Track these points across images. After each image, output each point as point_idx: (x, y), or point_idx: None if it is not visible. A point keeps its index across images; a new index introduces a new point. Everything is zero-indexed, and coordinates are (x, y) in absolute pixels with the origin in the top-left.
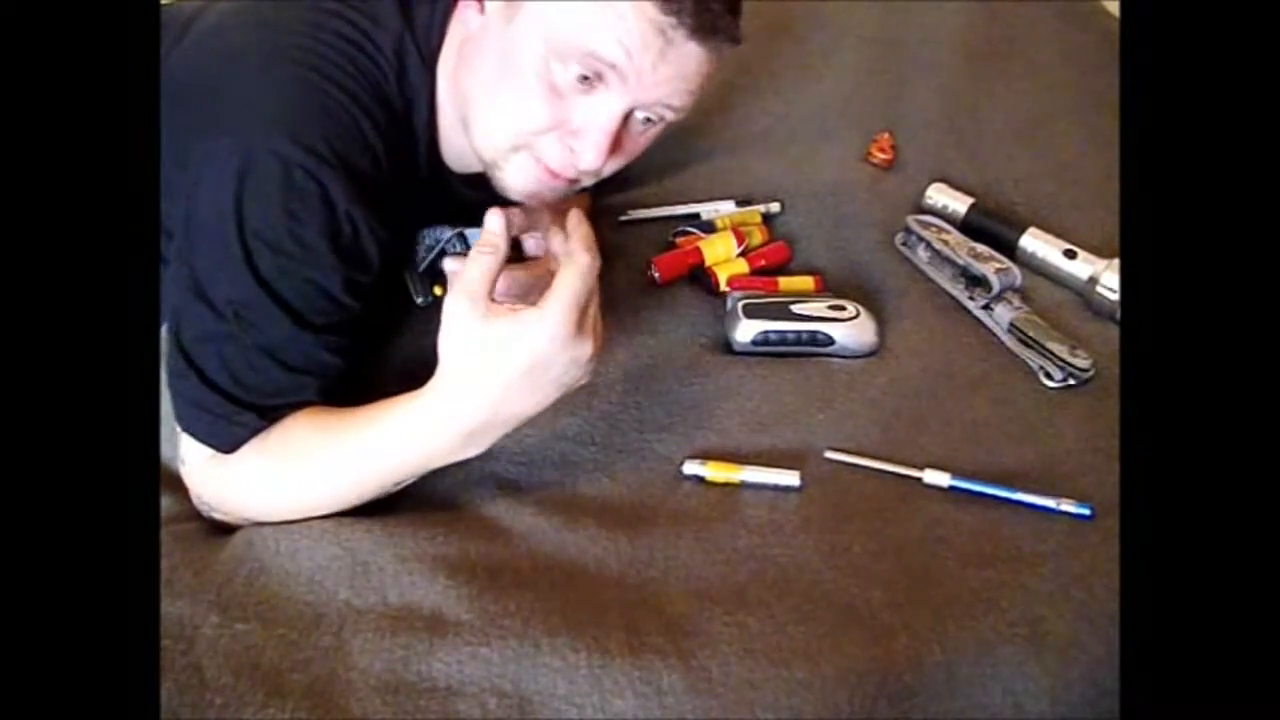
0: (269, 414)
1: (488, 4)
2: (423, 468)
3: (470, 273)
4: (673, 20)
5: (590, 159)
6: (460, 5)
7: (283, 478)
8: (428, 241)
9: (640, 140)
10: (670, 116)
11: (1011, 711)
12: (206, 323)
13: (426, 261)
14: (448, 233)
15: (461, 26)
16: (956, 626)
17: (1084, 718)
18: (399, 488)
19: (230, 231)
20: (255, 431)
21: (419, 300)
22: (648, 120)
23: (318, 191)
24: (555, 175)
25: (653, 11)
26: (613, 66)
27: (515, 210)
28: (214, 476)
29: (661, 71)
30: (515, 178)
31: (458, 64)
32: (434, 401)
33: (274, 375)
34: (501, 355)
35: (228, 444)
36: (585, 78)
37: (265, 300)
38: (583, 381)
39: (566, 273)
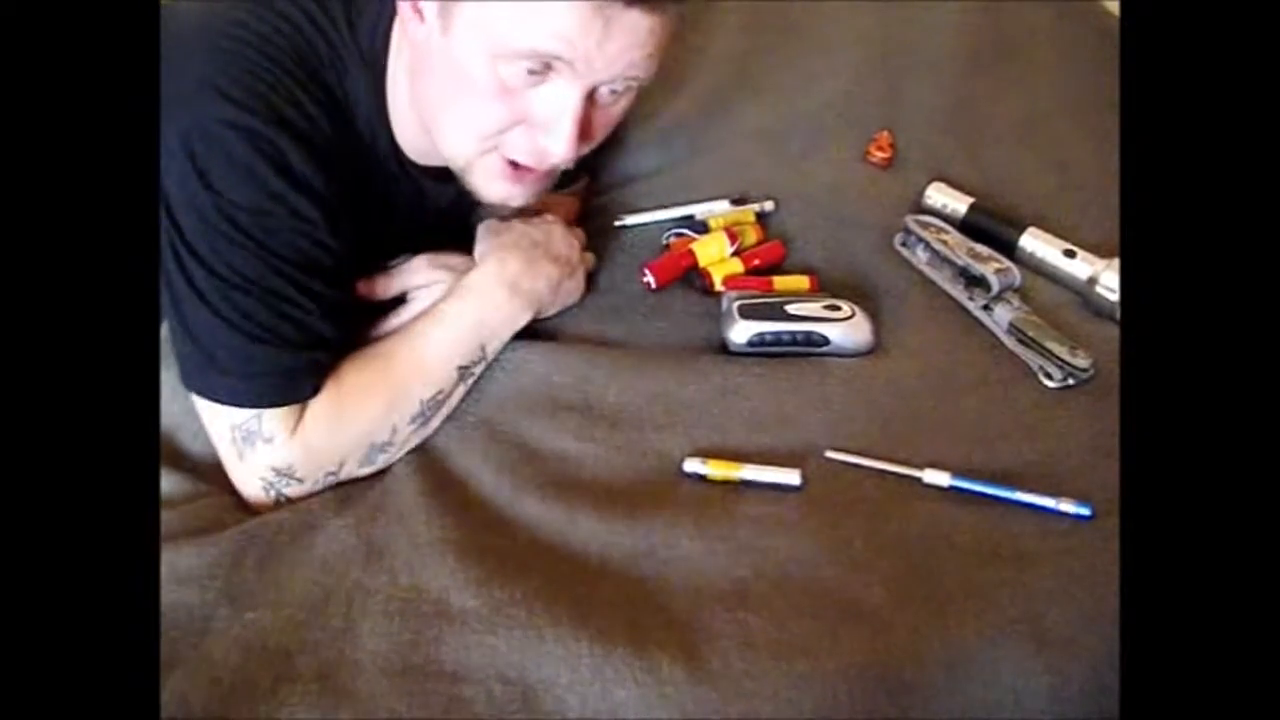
0: (326, 347)
1: (424, 11)
2: (482, 335)
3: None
4: (610, 2)
5: (560, 149)
6: (401, 11)
7: (374, 389)
8: None
9: (613, 112)
10: (637, 85)
11: (1011, 708)
12: (237, 299)
13: None
14: None
15: (403, 32)
16: (957, 623)
17: (1084, 715)
18: (465, 379)
19: (209, 210)
20: (324, 367)
21: None
22: (614, 92)
23: (271, 148)
24: (527, 171)
25: None
26: (557, 57)
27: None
28: (302, 435)
29: (610, 48)
30: (484, 181)
31: (412, 74)
32: (481, 267)
33: (309, 321)
34: (512, 226)
35: (309, 388)
36: (533, 71)
37: (272, 261)
38: (575, 290)
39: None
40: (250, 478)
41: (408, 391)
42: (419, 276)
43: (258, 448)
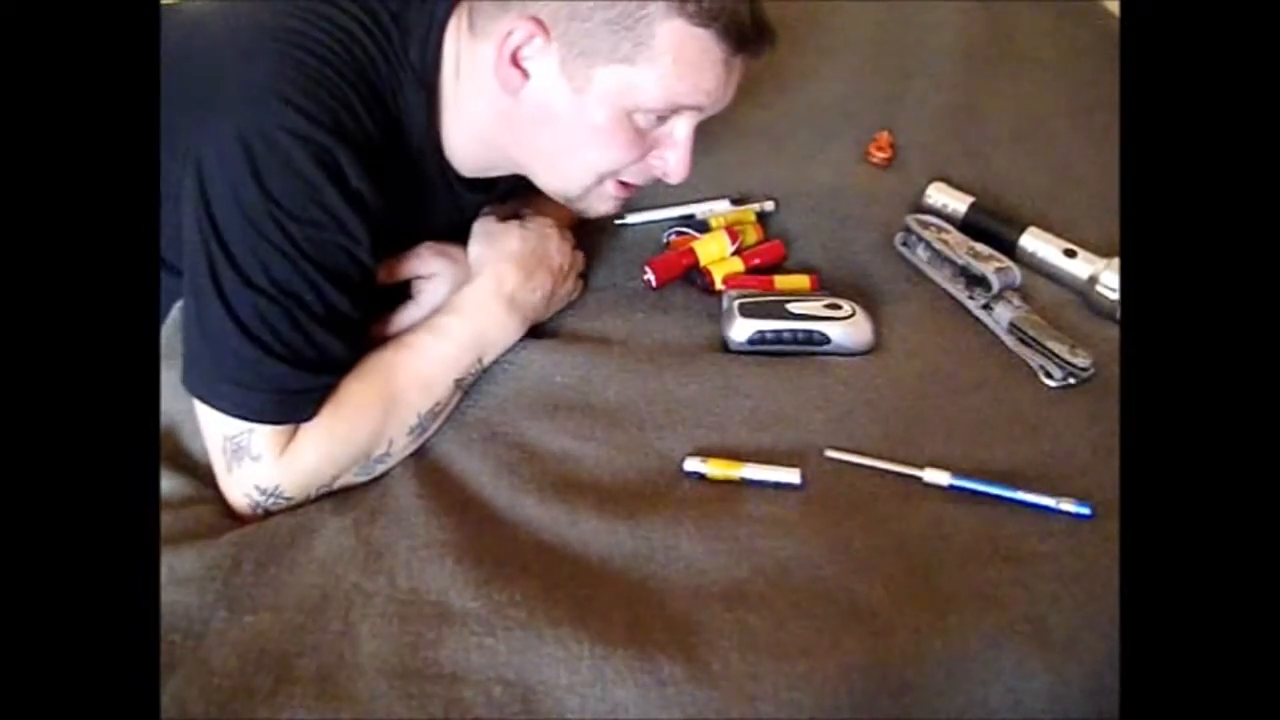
0: (336, 370)
1: (529, 69)
2: (480, 349)
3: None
4: (739, 56)
5: (681, 173)
6: (499, 70)
7: (362, 418)
8: None
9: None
10: None
11: (1011, 708)
12: (261, 307)
13: None
14: None
15: (458, 57)
16: (957, 623)
17: (1084, 716)
18: (461, 389)
19: (256, 210)
20: (327, 390)
21: None
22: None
23: (331, 160)
24: (634, 186)
25: (721, 53)
26: (694, 107)
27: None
28: (291, 456)
29: (729, 92)
30: (599, 204)
31: (507, 122)
32: (479, 280)
33: (327, 342)
34: (509, 233)
35: (309, 411)
36: (663, 116)
37: (309, 272)
38: (573, 289)
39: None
40: (236, 491)
41: (406, 405)
42: (423, 264)
43: (245, 464)
